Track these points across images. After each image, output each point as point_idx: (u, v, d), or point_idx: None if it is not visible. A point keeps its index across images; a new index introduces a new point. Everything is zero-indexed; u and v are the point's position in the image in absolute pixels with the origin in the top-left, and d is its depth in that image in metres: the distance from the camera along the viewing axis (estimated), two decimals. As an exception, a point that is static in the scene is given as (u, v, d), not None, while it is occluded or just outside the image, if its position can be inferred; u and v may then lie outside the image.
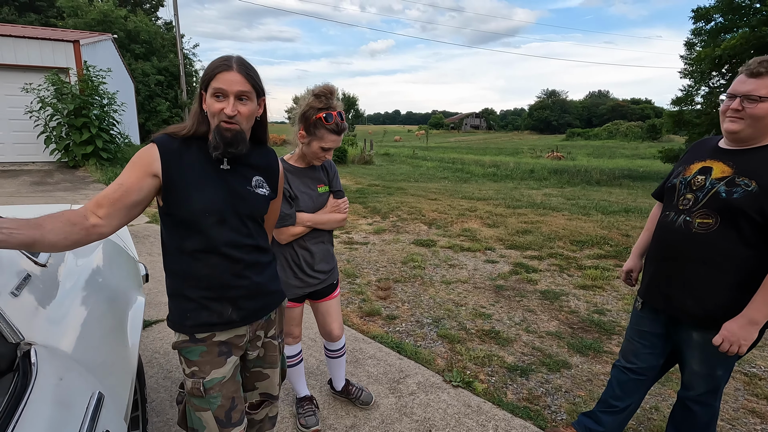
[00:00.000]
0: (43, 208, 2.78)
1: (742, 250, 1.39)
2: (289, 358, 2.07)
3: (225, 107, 1.15)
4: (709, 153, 1.54)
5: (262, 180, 1.33)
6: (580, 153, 30.21)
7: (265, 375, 1.45)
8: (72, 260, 1.56)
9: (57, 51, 9.75)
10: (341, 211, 1.92)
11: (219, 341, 1.27)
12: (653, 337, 1.70)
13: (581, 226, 6.19)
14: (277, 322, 1.45)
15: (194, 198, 1.17)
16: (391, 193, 9.06)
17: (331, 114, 1.69)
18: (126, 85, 15.03)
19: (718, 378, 1.55)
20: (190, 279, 1.23)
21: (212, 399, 1.24)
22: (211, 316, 1.25)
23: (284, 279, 1.89)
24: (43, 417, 0.84)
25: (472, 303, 3.61)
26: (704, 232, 1.44)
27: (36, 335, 1.04)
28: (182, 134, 1.20)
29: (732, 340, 1.39)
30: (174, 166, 1.16)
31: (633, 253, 1.88)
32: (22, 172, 9.29)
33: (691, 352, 1.57)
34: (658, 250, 1.63)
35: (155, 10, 29.36)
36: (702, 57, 14.14)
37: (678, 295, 1.53)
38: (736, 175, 1.40)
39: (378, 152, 22.07)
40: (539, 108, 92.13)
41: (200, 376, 1.24)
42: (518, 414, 2.20)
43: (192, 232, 1.20)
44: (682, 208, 1.52)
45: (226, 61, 1.18)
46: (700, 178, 1.50)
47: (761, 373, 2.61)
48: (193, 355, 1.25)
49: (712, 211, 1.42)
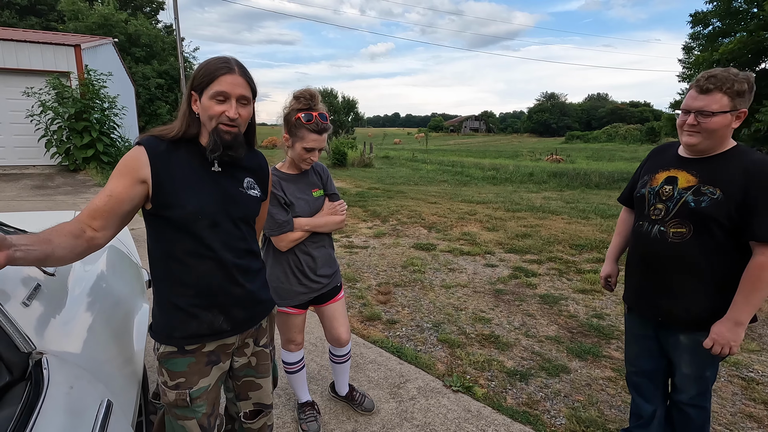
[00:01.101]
0: (46, 215, 2.80)
1: (718, 255, 1.46)
2: (291, 365, 2.09)
3: (227, 110, 1.13)
4: (672, 162, 1.59)
5: (253, 181, 1.33)
6: (579, 156, 30.25)
7: (257, 385, 1.43)
8: (79, 267, 1.59)
9: (58, 55, 9.81)
10: (338, 212, 1.93)
11: (208, 351, 1.25)
12: (646, 340, 1.75)
13: (580, 229, 6.22)
14: (267, 330, 1.44)
15: (186, 201, 1.15)
16: (391, 197, 9.08)
17: (311, 114, 1.69)
18: (126, 88, 15.09)
19: (707, 379, 1.60)
20: (178, 286, 1.19)
21: (198, 408, 1.23)
22: (201, 327, 1.22)
23: (288, 287, 1.90)
24: (56, 425, 0.87)
25: (471, 307, 3.64)
26: (680, 242, 1.50)
27: (47, 344, 1.07)
28: (170, 136, 1.17)
29: (722, 343, 1.45)
30: (163, 169, 1.13)
31: (608, 258, 1.95)
32: (23, 176, 9.32)
33: (681, 356, 1.61)
34: (639, 261, 1.68)
35: (155, 14, 29.47)
36: (700, 61, 14.21)
37: (663, 303, 1.59)
38: (701, 184, 1.46)
39: (378, 155, 22.10)
40: (538, 111, 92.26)
41: (186, 386, 1.22)
42: (518, 419, 2.22)
43: (183, 235, 1.17)
44: (654, 218, 1.57)
45: (226, 63, 1.15)
46: (667, 188, 1.55)
47: (759, 377, 2.63)
48: (179, 367, 1.22)
49: (685, 220, 1.48)
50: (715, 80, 1.38)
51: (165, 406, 1.25)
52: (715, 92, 1.38)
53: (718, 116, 1.38)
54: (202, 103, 1.15)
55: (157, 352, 1.24)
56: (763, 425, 2.21)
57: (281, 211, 1.79)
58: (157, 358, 1.24)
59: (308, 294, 1.94)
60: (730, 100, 1.37)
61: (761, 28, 12.87)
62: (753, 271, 1.38)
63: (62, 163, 9.89)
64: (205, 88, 1.14)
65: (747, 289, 1.40)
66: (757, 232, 1.36)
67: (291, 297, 1.92)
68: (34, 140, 9.67)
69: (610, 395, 2.45)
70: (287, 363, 2.09)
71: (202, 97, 1.15)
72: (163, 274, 1.20)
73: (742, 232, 1.40)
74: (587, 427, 2.16)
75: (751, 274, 1.39)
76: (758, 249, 1.38)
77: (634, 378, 1.86)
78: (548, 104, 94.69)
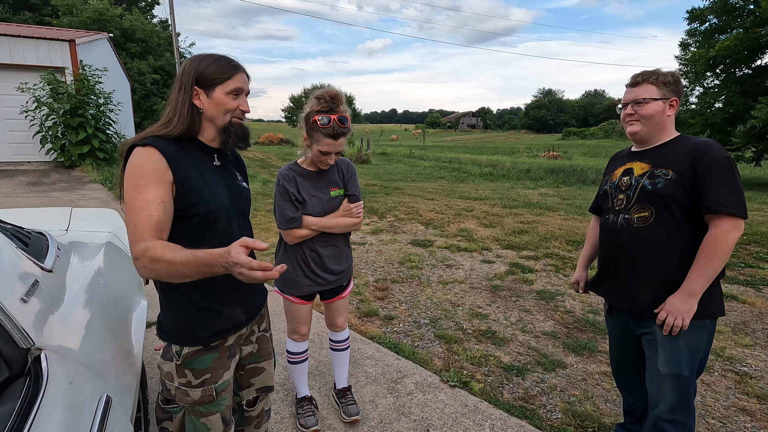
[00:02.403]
0: (41, 212, 2.79)
1: (683, 235, 1.51)
2: (294, 354, 2.10)
3: (241, 104, 1.21)
4: (626, 158, 1.72)
5: (239, 175, 1.38)
6: (576, 152, 30.33)
7: (261, 369, 1.47)
8: (77, 264, 1.58)
9: (53, 50, 9.72)
10: (353, 215, 1.90)
11: (229, 345, 1.29)
12: (626, 341, 1.76)
13: (577, 226, 6.24)
14: (266, 315, 1.51)
15: (207, 197, 1.17)
16: (389, 193, 9.09)
17: (328, 116, 1.67)
18: (122, 84, 14.98)
19: (685, 380, 1.51)
20: (204, 286, 1.14)
21: (222, 401, 1.26)
22: (225, 323, 1.26)
23: (294, 277, 1.91)
24: (56, 421, 0.87)
25: (468, 303, 3.65)
26: (644, 225, 1.56)
27: (45, 340, 1.07)
28: (173, 135, 1.16)
29: (675, 314, 1.46)
30: (181, 169, 1.13)
31: (579, 265, 2.03)
32: (18, 172, 9.26)
33: (655, 353, 1.56)
34: (610, 253, 1.71)
35: (151, 9, 29.23)
36: (696, 58, 14.26)
37: (640, 292, 1.59)
38: (654, 168, 1.57)
39: (375, 151, 22.08)
40: (536, 107, 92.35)
41: (212, 381, 1.23)
42: (514, 413, 2.24)
43: (208, 233, 1.18)
44: (618, 208, 1.65)
45: (235, 62, 1.22)
46: (625, 179, 1.66)
47: (752, 372, 2.66)
48: (205, 363, 1.22)
49: (645, 204, 1.56)
50: (642, 75, 1.60)
51: (186, 407, 1.23)
52: (644, 84, 1.58)
53: (650, 103, 1.55)
54: (216, 98, 1.18)
55: (176, 355, 1.21)
56: (756, 419, 2.24)
57: (291, 207, 1.79)
58: (180, 361, 1.21)
59: (312, 287, 1.95)
60: (657, 89, 1.55)
61: (757, 25, 12.92)
62: (707, 243, 1.44)
63: (57, 159, 9.84)
64: (218, 85, 1.18)
65: (702, 261, 1.44)
66: (707, 205, 1.44)
67: (295, 287, 1.93)
68: (29, 136, 9.60)
69: (606, 390, 2.47)
70: (290, 352, 2.10)
71: (214, 92, 1.18)
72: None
73: (698, 209, 1.47)
74: (583, 422, 2.18)
75: (706, 246, 1.44)
76: (712, 222, 1.45)
77: (622, 377, 1.87)
78: (545, 101, 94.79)
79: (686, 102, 15.53)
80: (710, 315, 1.51)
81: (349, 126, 1.74)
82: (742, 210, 1.42)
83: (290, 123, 70.85)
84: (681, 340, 1.50)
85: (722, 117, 13.99)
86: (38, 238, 1.51)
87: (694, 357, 1.53)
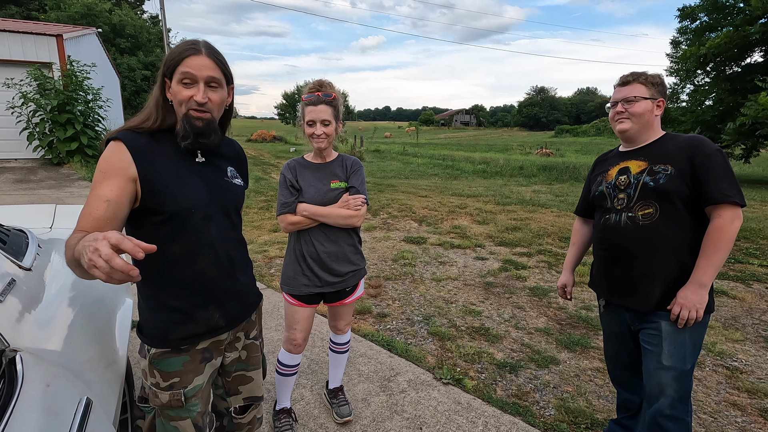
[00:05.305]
0: (27, 209, 2.72)
1: (686, 227, 1.52)
2: (284, 367, 2.00)
3: (195, 94, 1.07)
4: (618, 158, 1.71)
5: (235, 170, 1.31)
6: (568, 150, 30.50)
7: (249, 378, 1.40)
8: (59, 262, 1.54)
9: (39, 45, 9.53)
10: (350, 207, 1.81)
11: (202, 348, 1.21)
12: (623, 336, 1.75)
13: (569, 222, 6.26)
14: (257, 323, 1.43)
15: (178, 195, 1.09)
16: (382, 190, 9.05)
17: (312, 93, 1.75)
18: (111, 80, 14.77)
19: (687, 375, 1.53)
20: (172, 286, 1.13)
21: (192, 407, 1.19)
22: (198, 326, 1.18)
23: (291, 273, 1.87)
24: (30, 425, 0.83)
25: (462, 300, 3.64)
26: (650, 222, 1.55)
27: (22, 341, 1.03)
28: (147, 128, 1.10)
29: (689, 306, 1.46)
30: (149, 164, 1.07)
31: (565, 269, 2.01)
32: (5, 170, 9.08)
33: (659, 348, 1.55)
34: (611, 253, 1.66)
35: (141, 4, 28.84)
36: (687, 55, 14.36)
37: (650, 288, 1.57)
38: (652, 165, 1.56)
39: (368, 149, 22.02)
40: (528, 105, 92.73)
41: (181, 386, 1.17)
42: (507, 410, 2.23)
43: (177, 233, 1.11)
44: (620, 207, 1.63)
45: (193, 44, 1.09)
46: (622, 178, 1.64)
47: (742, 366, 2.68)
48: (174, 366, 1.17)
49: (649, 201, 1.55)
50: (632, 75, 1.63)
51: (156, 408, 1.19)
52: (634, 83, 1.60)
53: (640, 101, 1.58)
54: (172, 88, 1.09)
55: (147, 354, 1.17)
56: (746, 413, 2.25)
57: (286, 193, 1.81)
58: (148, 361, 1.17)
59: (310, 287, 1.85)
60: (647, 88, 1.58)
61: (747, 23, 13.04)
62: (712, 234, 1.45)
63: (45, 156, 9.67)
64: (173, 73, 1.08)
65: (708, 252, 1.45)
66: (709, 196, 1.45)
67: (292, 284, 1.86)
68: (16, 133, 9.41)
69: (599, 386, 2.47)
70: (282, 363, 2.00)
71: (172, 82, 1.09)
72: (152, 274, 1.11)
73: (700, 202, 1.48)
74: (576, 417, 2.18)
75: (711, 237, 1.45)
76: (714, 213, 1.46)
77: (617, 373, 1.86)
78: (538, 98, 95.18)
79: (677, 99, 15.65)
80: (710, 310, 1.52)
81: (333, 97, 1.76)
82: (742, 198, 1.44)
83: (283, 120, 70.44)
84: (686, 334, 1.51)
85: (712, 114, 14.11)
86: (17, 236, 1.46)
87: (696, 351, 1.55)
